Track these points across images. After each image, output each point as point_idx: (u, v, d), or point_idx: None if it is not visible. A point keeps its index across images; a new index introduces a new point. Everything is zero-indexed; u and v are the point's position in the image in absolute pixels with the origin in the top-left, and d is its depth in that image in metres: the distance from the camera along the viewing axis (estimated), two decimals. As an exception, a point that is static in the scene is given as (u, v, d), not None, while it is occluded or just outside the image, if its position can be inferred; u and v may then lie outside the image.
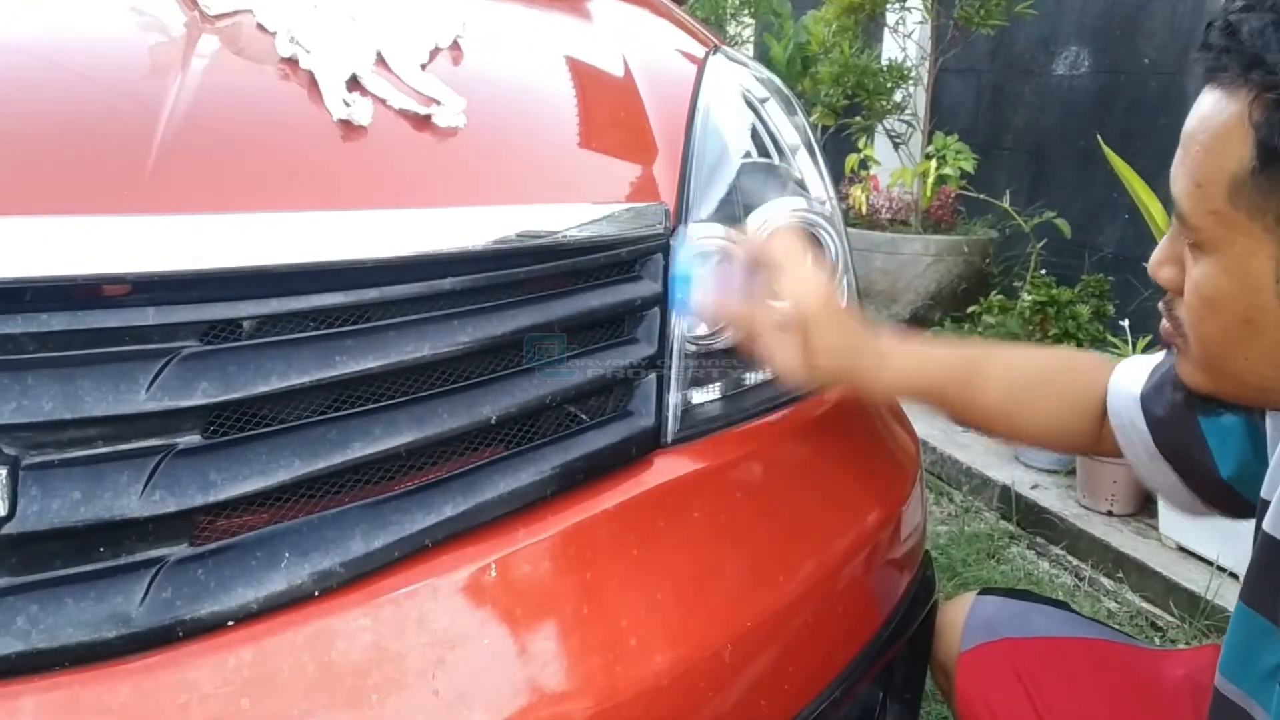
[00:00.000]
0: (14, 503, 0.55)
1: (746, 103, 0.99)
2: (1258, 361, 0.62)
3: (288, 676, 0.57)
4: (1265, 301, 0.59)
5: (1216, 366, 0.66)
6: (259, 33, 0.79)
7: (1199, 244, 0.63)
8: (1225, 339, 0.63)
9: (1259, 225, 0.58)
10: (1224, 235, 0.60)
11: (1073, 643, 0.93)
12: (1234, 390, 0.66)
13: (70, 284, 0.59)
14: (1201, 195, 0.60)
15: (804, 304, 0.81)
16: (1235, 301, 0.61)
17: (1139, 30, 3.13)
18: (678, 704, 0.69)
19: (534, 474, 0.69)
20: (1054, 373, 0.89)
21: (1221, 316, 0.63)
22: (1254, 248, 0.59)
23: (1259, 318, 0.60)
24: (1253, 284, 0.60)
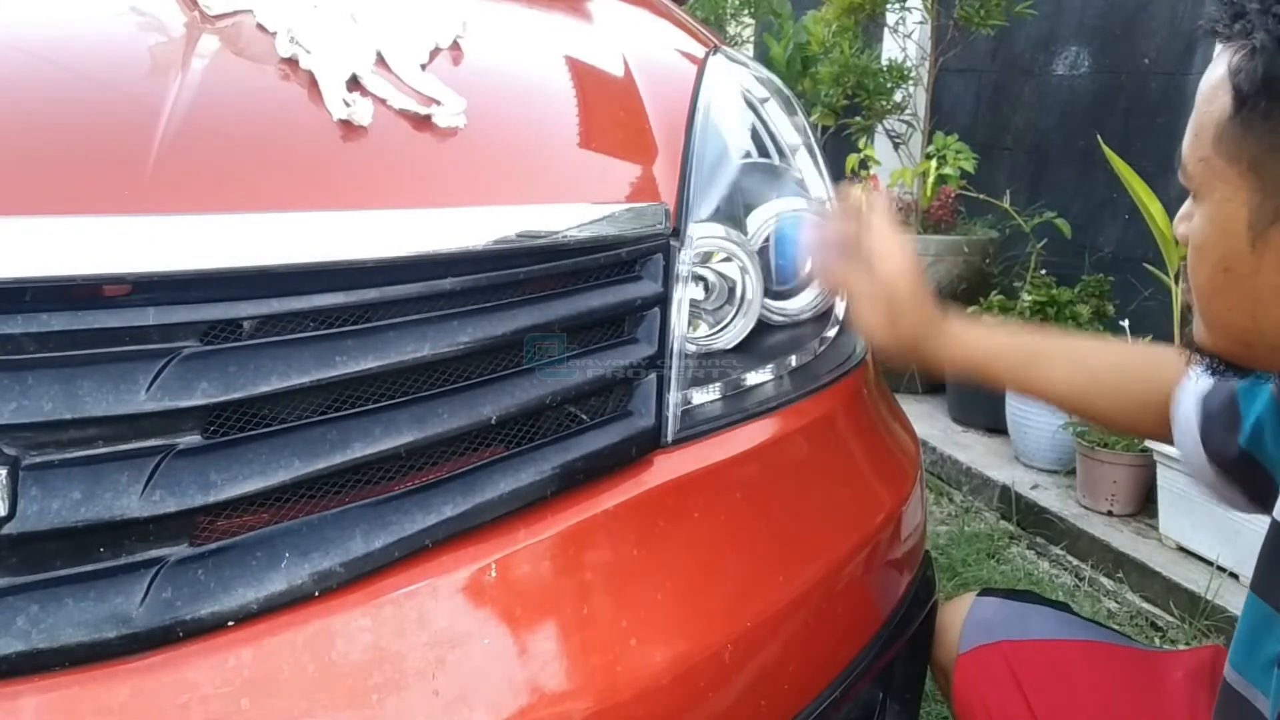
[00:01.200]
0: (14, 503, 0.55)
1: (746, 103, 0.99)
2: (1238, 312, 0.64)
3: (288, 676, 0.57)
4: (1239, 247, 0.62)
5: (1208, 317, 0.68)
6: (259, 33, 0.79)
7: (1195, 194, 0.65)
8: (1210, 287, 0.66)
9: (1235, 171, 0.61)
10: (1210, 182, 0.63)
11: (1070, 645, 0.93)
12: (1226, 344, 0.68)
13: (70, 284, 0.59)
14: (1196, 144, 0.64)
15: (895, 276, 0.87)
16: (1215, 248, 0.64)
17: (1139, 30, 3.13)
18: (678, 704, 0.69)
19: (534, 474, 0.69)
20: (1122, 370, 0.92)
21: (1206, 264, 0.65)
22: (1230, 193, 0.61)
23: (1235, 265, 0.63)
24: (1229, 229, 0.62)
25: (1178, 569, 2.05)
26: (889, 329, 0.89)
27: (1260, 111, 0.59)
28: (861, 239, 0.88)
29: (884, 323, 0.89)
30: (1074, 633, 0.95)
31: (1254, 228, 0.61)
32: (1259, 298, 0.62)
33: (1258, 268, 0.61)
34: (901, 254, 0.88)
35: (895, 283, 0.87)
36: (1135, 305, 2.71)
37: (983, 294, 3.01)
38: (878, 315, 0.88)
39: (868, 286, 0.88)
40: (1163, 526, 2.18)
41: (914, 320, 0.89)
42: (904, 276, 0.87)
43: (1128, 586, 2.11)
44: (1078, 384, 0.91)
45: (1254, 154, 0.60)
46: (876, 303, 0.88)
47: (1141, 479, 2.27)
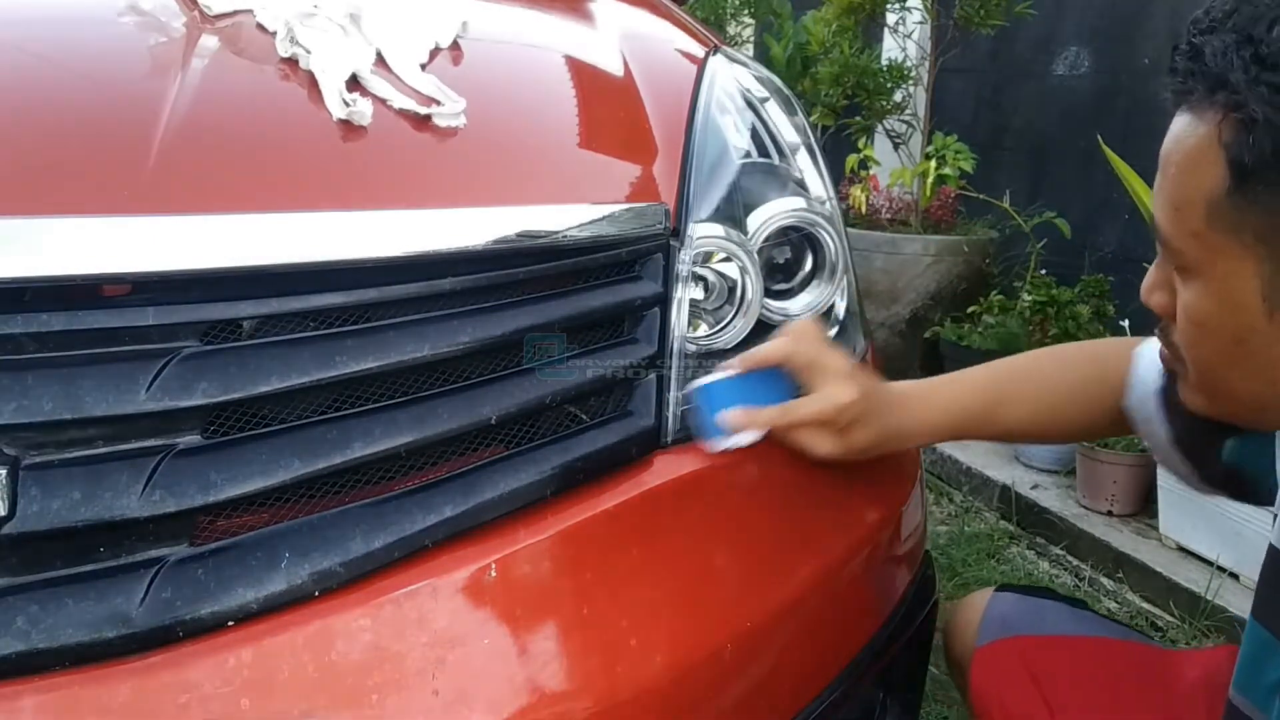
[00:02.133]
0: (14, 503, 0.55)
1: (746, 103, 0.99)
2: (1253, 381, 0.62)
3: (288, 676, 0.57)
4: (1253, 321, 0.59)
5: (1213, 389, 0.66)
6: (259, 33, 0.79)
7: (1184, 268, 0.62)
8: (1219, 361, 0.63)
9: (1237, 244, 0.58)
10: (1206, 257, 0.60)
11: (1087, 641, 0.93)
12: (1233, 411, 0.66)
13: (70, 284, 0.59)
14: (1181, 219, 0.60)
15: (843, 405, 0.80)
16: (1224, 324, 0.61)
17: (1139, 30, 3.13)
18: (678, 704, 0.69)
19: (534, 474, 0.69)
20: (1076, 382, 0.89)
21: (1213, 339, 0.62)
22: (1235, 268, 0.59)
23: (1249, 338, 0.60)
24: (1239, 304, 0.60)
25: (1178, 569, 2.05)
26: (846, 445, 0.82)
27: (1267, 184, 0.56)
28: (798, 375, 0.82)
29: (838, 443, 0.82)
30: (1090, 629, 0.95)
31: (1270, 299, 0.58)
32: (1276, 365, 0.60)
33: (1275, 338, 0.59)
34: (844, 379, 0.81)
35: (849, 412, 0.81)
36: (1135, 305, 2.70)
37: (983, 294, 3.01)
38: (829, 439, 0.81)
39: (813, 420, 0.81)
40: (1163, 526, 2.18)
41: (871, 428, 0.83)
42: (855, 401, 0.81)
43: (1128, 586, 2.11)
44: (1040, 419, 0.89)
45: (1260, 226, 0.57)
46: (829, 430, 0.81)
47: (1141, 479, 2.26)
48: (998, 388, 0.89)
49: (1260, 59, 0.55)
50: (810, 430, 0.81)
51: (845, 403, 0.80)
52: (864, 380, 0.83)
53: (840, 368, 0.82)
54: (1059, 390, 0.89)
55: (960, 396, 0.88)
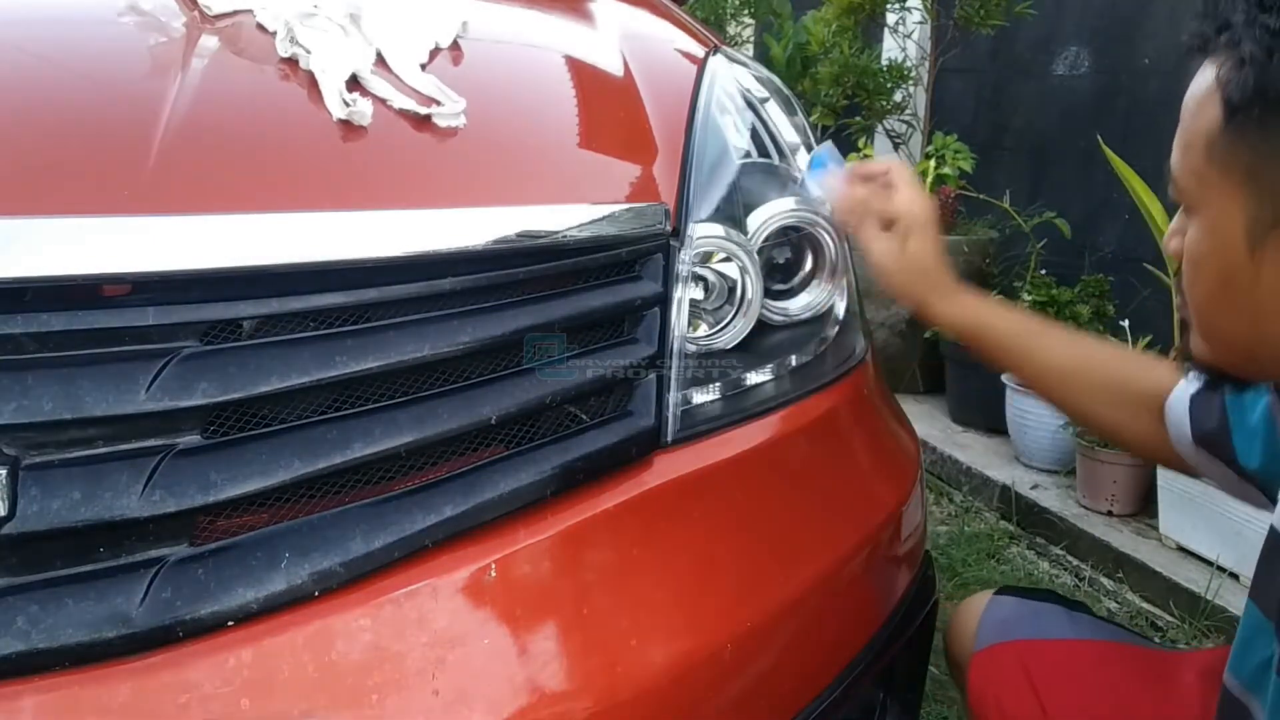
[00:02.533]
0: (14, 503, 0.55)
1: (746, 103, 0.99)
2: (1238, 321, 0.64)
3: (288, 676, 0.57)
4: (1237, 259, 0.61)
5: (1208, 331, 0.68)
6: (259, 33, 0.79)
7: (1187, 207, 0.65)
8: (1210, 300, 0.65)
9: (1229, 182, 0.61)
10: (1203, 195, 0.63)
11: (1083, 645, 0.94)
12: (1226, 355, 0.68)
13: (70, 284, 0.59)
14: (1186, 158, 0.64)
15: (914, 213, 0.91)
16: (1212, 260, 0.63)
17: (1139, 30, 3.13)
18: (678, 704, 0.69)
19: (534, 474, 0.69)
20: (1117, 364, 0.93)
21: (1205, 277, 0.65)
22: (1226, 205, 0.61)
23: (1234, 276, 0.62)
24: (1226, 242, 0.62)
25: (1178, 569, 2.05)
26: (897, 264, 0.92)
27: (1254, 120, 0.58)
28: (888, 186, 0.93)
29: (896, 256, 0.92)
30: (1088, 632, 0.95)
31: (1252, 236, 0.60)
32: (1260, 307, 0.62)
33: (1258, 277, 0.61)
34: (923, 200, 0.92)
35: (914, 221, 0.91)
36: (1135, 305, 2.71)
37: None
38: (890, 247, 0.92)
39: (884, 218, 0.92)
40: (1163, 526, 2.18)
41: (923, 261, 0.92)
42: (923, 217, 0.92)
43: (1128, 586, 2.11)
44: (1070, 369, 0.92)
45: (1249, 163, 0.59)
46: (891, 237, 0.92)
47: (1141, 479, 2.26)
48: (1044, 323, 0.95)
49: (1260, 2, 0.59)
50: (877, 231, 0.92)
51: (926, 207, 0.92)
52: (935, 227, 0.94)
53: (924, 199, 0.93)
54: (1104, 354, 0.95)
55: (1009, 309, 0.96)
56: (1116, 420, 0.92)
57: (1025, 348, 0.93)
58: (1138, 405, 0.90)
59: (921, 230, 0.92)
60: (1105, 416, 0.93)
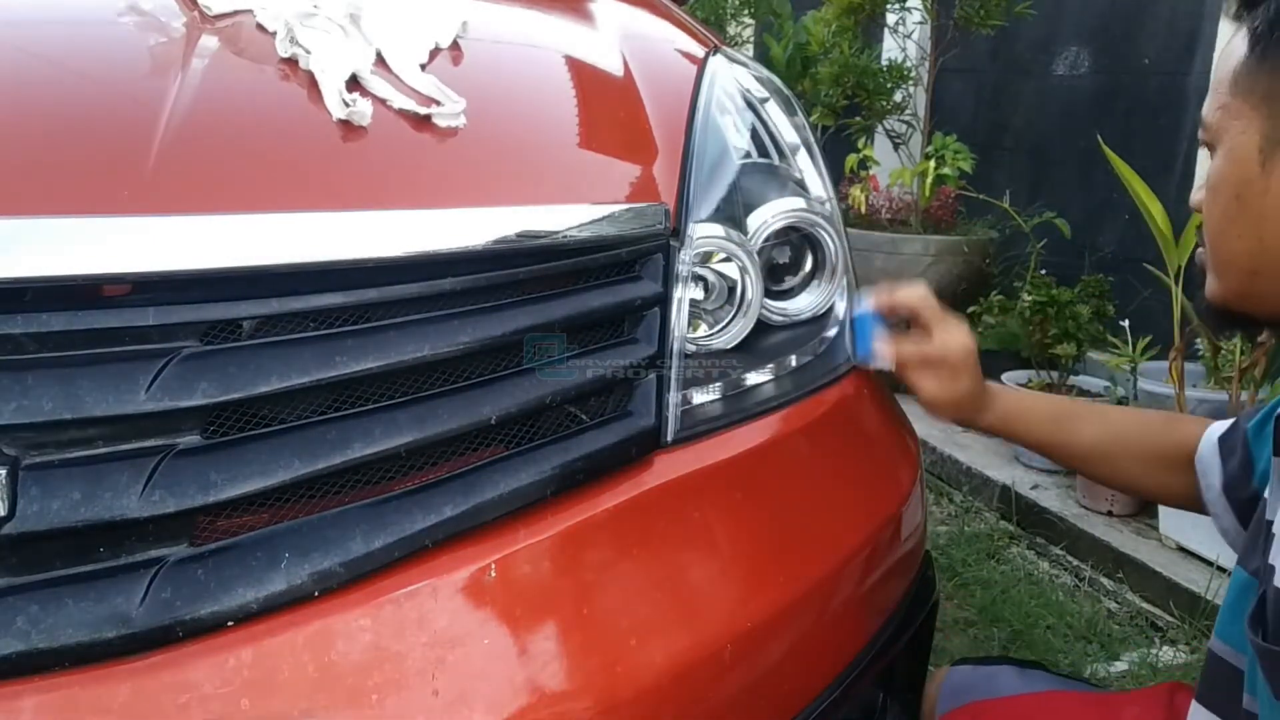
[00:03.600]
0: (14, 503, 0.55)
1: (746, 103, 0.99)
2: (1246, 238, 0.68)
3: (288, 677, 0.57)
4: (1249, 173, 0.66)
5: (1217, 256, 0.72)
6: (259, 33, 0.79)
7: (1212, 143, 0.70)
8: (1223, 220, 0.70)
9: (1249, 105, 0.66)
10: (1225, 124, 0.68)
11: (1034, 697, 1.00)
12: (1235, 281, 0.71)
13: (70, 284, 0.59)
14: (1216, 95, 0.69)
15: (956, 352, 0.96)
16: (1228, 179, 0.68)
17: (1139, 30, 3.13)
18: (678, 704, 0.69)
19: (534, 474, 0.69)
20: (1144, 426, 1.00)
21: (1220, 197, 0.69)
22: (1244, 126, 0.66)
23: (1245, 191, 0.67)
24: (1240, 158, 0.67)
25: (1178, 569, 2.05)
26: (950, 404, 0.97)
27: (1275, 45, 0.64)
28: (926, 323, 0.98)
29: (949, 395, 0.97)
30: (1038, 685, 1.02)
31: (1264, 150, 0.65)
32: (1266, 219, 0.66)
33: (1266, 188, 0.66)
34: (964, 336, 0.97)
35: (958, 359, 0.96)
36: (1135, 305, 2.71)
37: (983, 294, 3.01)
38: (937, 385, 0.97)
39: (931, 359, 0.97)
40: (1163, 526, 2.18)
41: (968, 389, 0.97)
42: (965, 353, 0.97)
43: (1128, 586, 2.11)
44: (1104, 440, 0.99)
45: (1267, 87, 0.65)
46: (936, 374, 0.97)
47: (1141, 479, 2.26)
48: (1073, 405, 1.03)
49: None
50: (923, 370, 0.97)
51: (966, 344, 0.96)
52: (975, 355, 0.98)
53: (959, 323, 0.98)
54: (1131, 422, 1.01)
55: (1039, 399, 1.04)
56: (1156, 483, 0.99)
57: (1062, 434, 1.00)
58: (1172, 465, 0.96)
59: (966, 368, 0.97)
60: (1145, 482, 1.00)
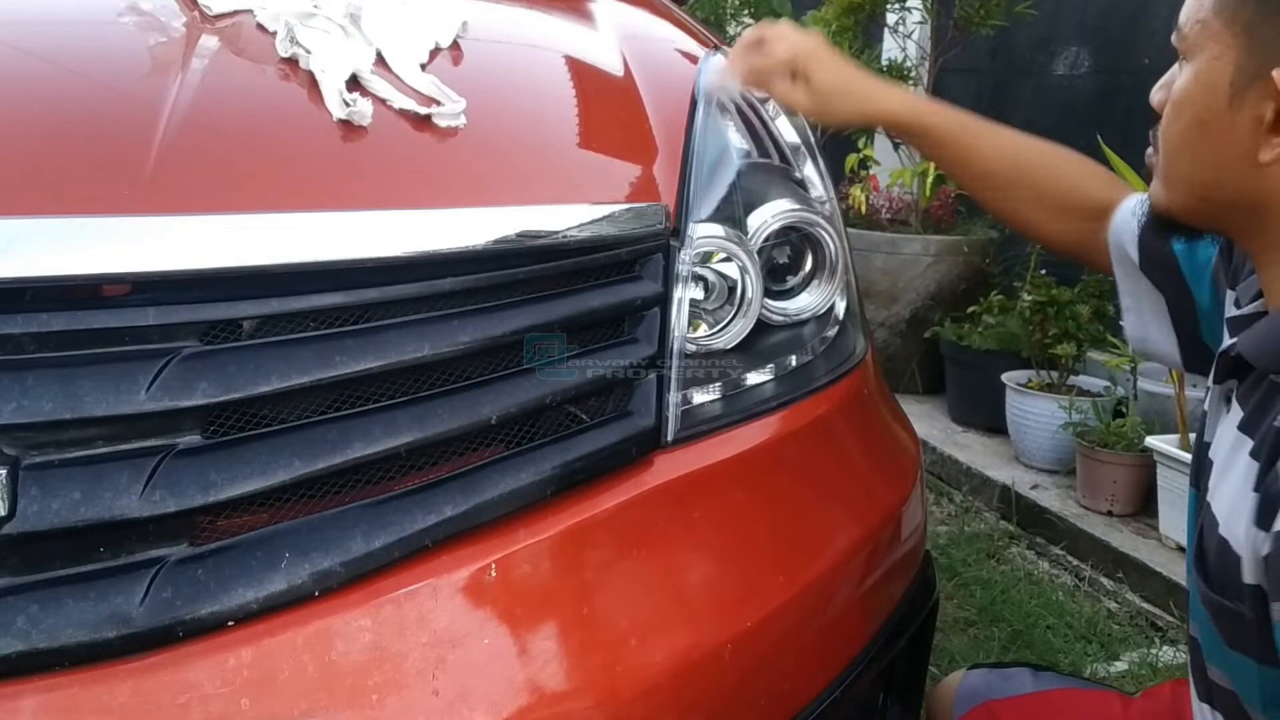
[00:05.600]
0: (14, 503, 0.55)
1: (746, 103, 0.99)
2: (1201, 166, 0.68)
3: (288, 676, 0.57)
4: (1216, 104, 0.66)
5: (1171, 172, 0.71)
6: (259, 33, 0.79)
7: (1184, 53, 0.69)
8: (1179, 140, 0.69)
9: (1229, 31, 0.65)
10: (1202, 42, 0.67)
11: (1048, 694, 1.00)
12: (1183, 200, 0.71)
13: (70, 284, 0.59)
14: (1195, 7, 0.68)
15: (800, 51, 0.91)
16: (1194, 102, 0.68)
17: (1139, 30, 3.13)
18: (678, 704, 0.69)
19: (534, 474, 0.69)
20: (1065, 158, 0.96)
21: (1183, 118, 0.69)
22: (1219, 52, 0.65)
23: (1210, 119, 0.66)
24: (1210, 86, 0.66)
25: (1178, 569, 2.05)
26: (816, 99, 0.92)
27: None
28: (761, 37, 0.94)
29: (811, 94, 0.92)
30: (1051, 684, 1.02)
31: (1235, 85, 0.65)
32: (1224, 153, 0.66)
33: (1230, 124, 0.65)
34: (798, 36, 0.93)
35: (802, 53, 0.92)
36: (1135, 305, 2.70)
37: (983, 294, 3.01)
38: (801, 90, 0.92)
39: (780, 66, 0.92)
40: (1163, 526, 2.18)
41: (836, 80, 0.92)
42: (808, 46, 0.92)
43: (1128, 586, 2.11)
44: (1012, 168, 0.94)
45: (1250, 16, 0.64)
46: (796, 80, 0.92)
47: (1141, 479, 2.26)
48: (980, 122, 0.96)
49: None
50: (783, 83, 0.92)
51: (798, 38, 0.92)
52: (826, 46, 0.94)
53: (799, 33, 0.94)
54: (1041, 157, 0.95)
55: (946, 107, 0.96)
56: (1053, 226, 0.96)
57: (965, 143, 0.94)
58: (1078, 213, 0.93)
59: (815, 60, 0.92)
60: (1038, 217, 0.96)
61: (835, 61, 0.93)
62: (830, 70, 0.92)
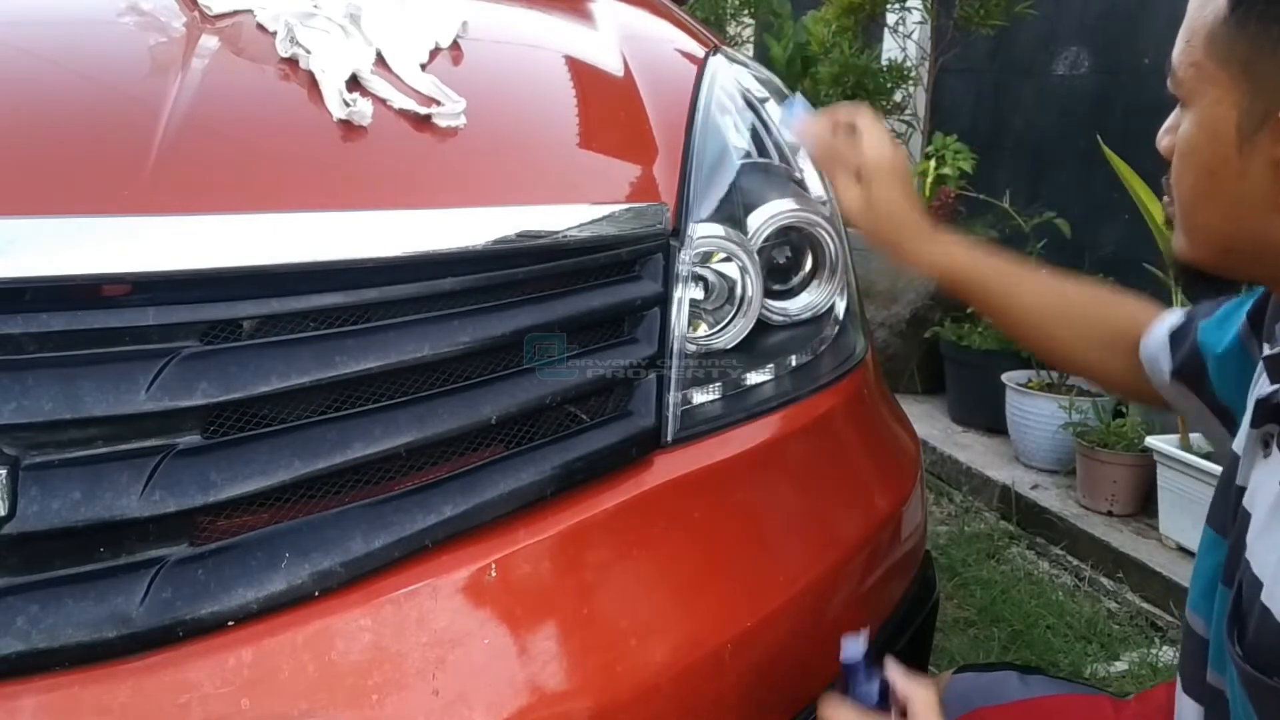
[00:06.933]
0: (14, 503, 0.55)
1: (746, 103, 0.99)
2: (1220, 215, 0.65)
3: (288, 676, 0.57)
4: (1226, 151, 0.62)
5: (1190, 225, 0.69)
6: (259, 33, 0.79)
7: (1184, 99, 0.66)
8: (1195, 192, 0.66)
9: (1226, 74, 0.62)
10: (1199, 87, 0.64)
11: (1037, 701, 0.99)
12: (1206, 253, 0.69)
13: (70, 284, 0.59)
14: (1188, 49, 0.64)
15: (877, 161, 0.91)
16: (1201, 152, 0.64)
17: (1139, 30, 3.13)
18: (677, 704, 0.69)
19: (534, 474, 0.69)
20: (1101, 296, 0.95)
21: (1192, 168, 0.66)
22: (1220, 97, 0.62)
23: (1220, 168, 0.63)
24: (1216, 133, 0.63)
25: (1178, 569, 2.05)
26: (868, 209, 0.92)
27: (1255, 13, 0.59)
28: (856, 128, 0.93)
29: (863, 204, 0.91)
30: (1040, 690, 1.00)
31: (1242, 130, 0.61)
32: (1242, 202, 0.63)
33: (1243, 171, 0.62)
34: (888, 145, 0.92)
35: (879, 166, 0.91)
36: (1135, 305, 2.70)
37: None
38: (858, 193, 0.91)
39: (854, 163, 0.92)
40: (1163, 526, 2.18)
41: (892, 206, 0.92)
42: (887, 162, 0.91)
43: (1128, 586, 2.11)
44: (1051, 312, 0.93)
45: (1246, 56, 0.60)
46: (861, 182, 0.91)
47: (1141, 479, 2.26)
48: (1021, 268, 0.96)
49: None
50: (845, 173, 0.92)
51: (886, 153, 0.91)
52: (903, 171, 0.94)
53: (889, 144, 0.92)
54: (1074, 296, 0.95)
55: (983, 256, 0.96)
56: (1096, 360, 0.94)
57: (1006, 293, 0.94)
58: (1116, 343, 0.91)
59: (885, 177, 0.91)
60: (1085, 357, 0.95)
61: (902, 186, 0.93)
62: (893, 193, 0.92)
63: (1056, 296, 0.94)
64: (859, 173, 0.92)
